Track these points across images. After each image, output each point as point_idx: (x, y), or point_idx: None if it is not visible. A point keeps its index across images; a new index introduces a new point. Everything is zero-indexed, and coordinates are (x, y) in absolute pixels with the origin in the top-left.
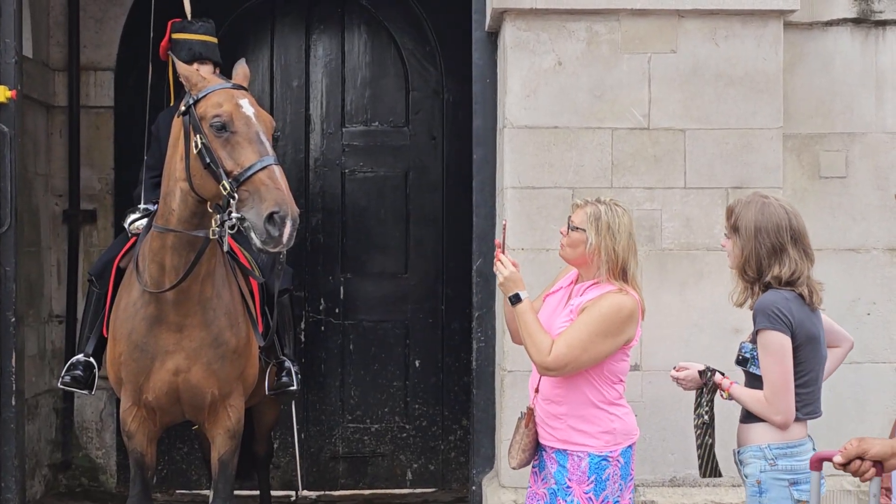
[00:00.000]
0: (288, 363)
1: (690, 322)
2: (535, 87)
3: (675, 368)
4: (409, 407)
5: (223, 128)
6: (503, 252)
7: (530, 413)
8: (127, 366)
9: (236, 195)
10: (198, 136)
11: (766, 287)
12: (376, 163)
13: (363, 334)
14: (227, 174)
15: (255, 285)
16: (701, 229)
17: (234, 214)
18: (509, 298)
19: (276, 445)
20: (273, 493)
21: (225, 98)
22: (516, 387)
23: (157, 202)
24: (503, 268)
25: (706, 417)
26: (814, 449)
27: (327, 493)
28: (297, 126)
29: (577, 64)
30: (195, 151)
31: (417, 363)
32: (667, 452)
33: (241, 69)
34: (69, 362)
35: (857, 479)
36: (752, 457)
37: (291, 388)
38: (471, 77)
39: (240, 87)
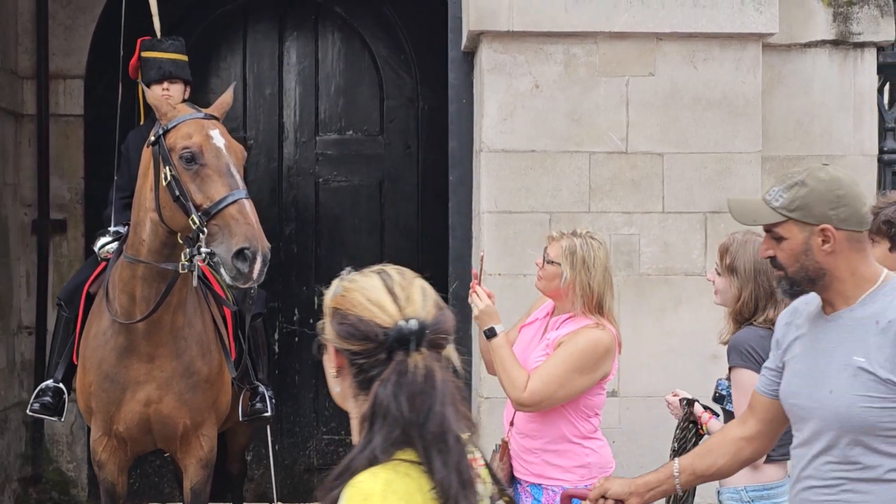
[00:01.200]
0: (262, 388)
1: (669, 348)
2: (512, 111)
3: (672, 394)
4: None
5: (192, 160)
6: (479, 283)
7: (505, 446)
8: (97, 396)
9: (206, 229)
10: (167, 167)
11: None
12: (350, 172)
13: None
14: (197, 207)
15: (228, 311)
16: (679, 254)
17: (203, 249)
18: (484, 332)
19: (249, 458)
20: None
21: (195, 129)
22: (493, 414)
23: (127, 224)
24: (479, 300)
25: (675, 446)
26: None
27: None
28: (271, 134)
29: (555, 87)
30: (164, 183)
31: None
32: None
33: (223, 96)
34: (38, 388)
35: None
36: (730, 498)
37: (265, 414)
38: (446, 84)
39: (211, 117)
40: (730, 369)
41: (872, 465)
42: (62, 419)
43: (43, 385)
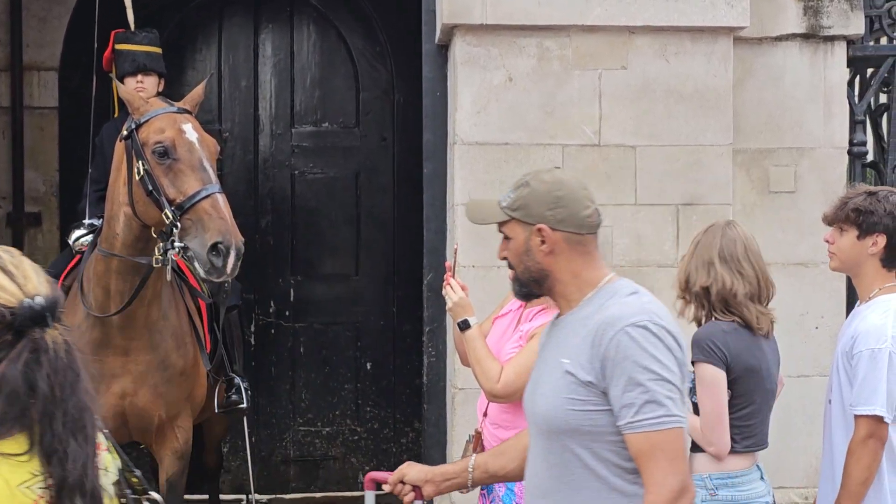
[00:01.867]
0: (237, 380)
1: None
2: (486, 103)
3: None
4: (360, 410)
5: (165, 154)
6: (453, 276)
7: (478, 437)
8: None
9: (179, 224)
10: (140, 162)
11: (708, 307)
12: (326, 164)
13: (314, 337)
14: (170, 202)
15: (203, 303)
16: (652, 246)
17: (177, 243)
18: (458, 324)
19: (226, 450)
20: (224, 497)
21: (167, 123)
22: (467, 404)
23: (101, 216)
24: (452, 293)
25: None
26: (762, 478)
27: (278, 496)
28: (246, 127)
29: (528, 80)
30: (137, 178)
31: (369, 366)
32: None
33: (195, 91)
34: None
35: (805, 491)
36: (695, 486)
37: (241, 406)
38: (421, 77)
39: (184, 111)
40: (692, 363)
41: (580, 468)
42: None
43: None
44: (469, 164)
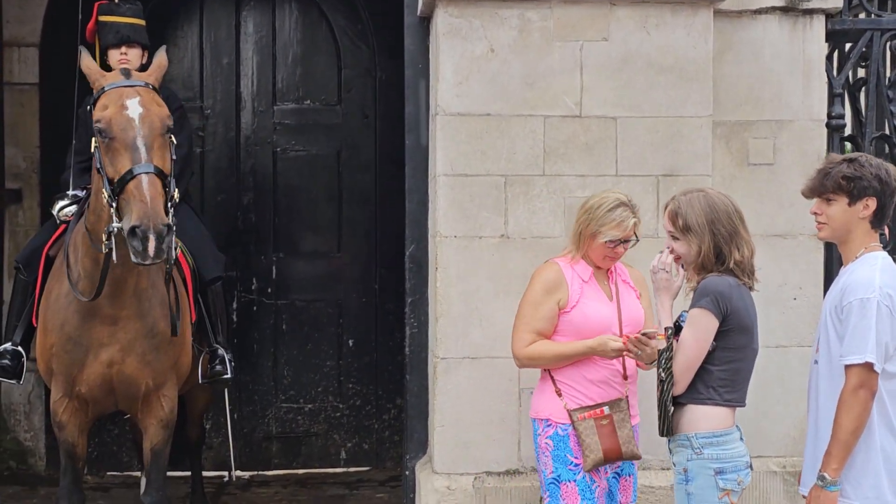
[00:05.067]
0: (221, 351)
1: None
2: (468, 75)
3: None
4: (342, 386)
5: (103, 133)
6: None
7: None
8: (59, 357)
9: (114, 204)
10: (94, 137)
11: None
12: (308, 141)
13: (296, 314)
14: (110, 181)
15: (188, 273)
16: None
17: (114, 224)
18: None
19: (208, 426)
20: (206, 473)
21: (111, 100)
22: (449, 373)
23: (85, 187)
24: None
25: (663, 375)
26: (741, 438)
27: (261, 473)
28: (228, 104)
29: (510, 51)
30: (93, 153)
31: (351, 342)
32: None
33: (156, 59)
34: None
35: (783, 460)
36: (680, 445)
37: (225, 376)
38: (403, 56)
39: (135, 84)
40: (692, 307)
41: None
42: (20, 382)
43: (0, 348)
44: (451, 136)
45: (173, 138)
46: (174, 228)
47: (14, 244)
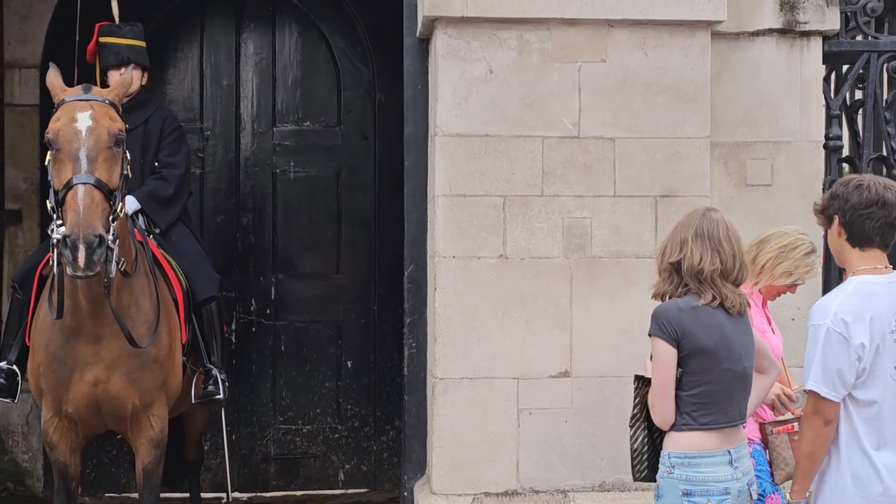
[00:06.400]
0: (215, 371)
1: (620, 329)
2: (467, 95)
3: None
4: (341, 408)
5: (51, 144)
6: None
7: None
8: (46, 377)
9: (55, 215)
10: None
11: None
12: (308, 163)
13: (295, 335)
14: (55, 193)
15: (180, 293)
16: (631, 237)
17: (55, 235)
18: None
19: (206, 447)
20: (204, 495)
21: (63, 113)
22: (448, 394)
23: None
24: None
25: (636, 410)
26: (730, 464)
27: (259, 494)
28: (228, 125)
29: (508, 72)
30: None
31: (349, 364)
32: (596, 458)
33: (123, 78)
34: None
35: None
36: (660, 462)
37: (217, 396)
38: (402, 77)
39: (91, 99)
40: (649, 335)
41: None
42: (15, 401)
43: None
44: (450, 156)
45: (127, 154)
46: (107, 241)
47: (13, 264)
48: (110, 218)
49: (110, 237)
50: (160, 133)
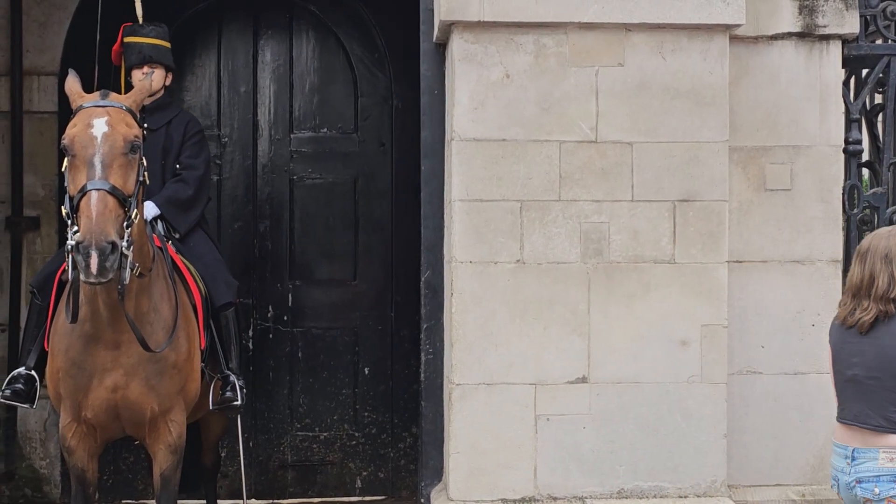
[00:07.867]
0: (233, 377)
1: (638, 334)
2: (483, 100)
3: None
4: (358, 414)
5: (67, 150)
6: None
7: None
8: (65, 382)
9: (70, 221)
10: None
11: None
12: (325, 169)
13: (312, 342)
14: (71, 199)
15: (199, 299)
16: (648, 242)
17: (70, 242)
18: None
19: (223, 454)
20: (221, 502)
21: (80, 119)
22: (465, 400)
23: None
24: None
25: None
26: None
27: (276, 501)
28: (245, 132)
29: (525, 77)
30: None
31: (367, 370)
32: (615, 464)
33: (141, 84)
34: (10, 375)
35: (803, 488)
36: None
37: (235, 402)
38: (419, 83)
39: (108, 105)
40: None
41: None
42: (34, 406)
43: (15, 372)
44: (466, 161)
45: (144, 160)
46: (121, 248)
47: (32, 271)
48: (125, 224)
49: (124, 244)
50: (182, 136)
